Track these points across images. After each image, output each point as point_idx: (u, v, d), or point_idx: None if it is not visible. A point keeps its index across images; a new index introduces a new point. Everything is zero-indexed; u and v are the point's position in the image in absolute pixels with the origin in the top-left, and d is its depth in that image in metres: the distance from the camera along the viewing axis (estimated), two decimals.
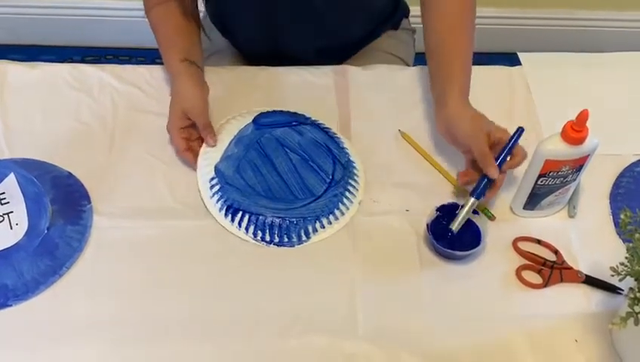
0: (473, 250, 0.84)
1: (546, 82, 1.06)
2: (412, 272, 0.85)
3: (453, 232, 0.85)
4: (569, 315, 0.82)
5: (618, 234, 0.90)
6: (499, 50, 1.84)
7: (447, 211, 0.87)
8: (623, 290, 0.81)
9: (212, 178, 0.91)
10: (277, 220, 0.88)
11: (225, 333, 0.79)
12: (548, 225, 0.90)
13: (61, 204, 0.87)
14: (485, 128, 0.88)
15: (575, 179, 0.87)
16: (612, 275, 0.73)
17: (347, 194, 0.91)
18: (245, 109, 1.00)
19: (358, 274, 0.85)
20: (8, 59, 1.06)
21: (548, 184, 0.85)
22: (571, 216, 0.91)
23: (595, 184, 0.94)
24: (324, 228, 0.88)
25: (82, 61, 1.96)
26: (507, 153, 0.87)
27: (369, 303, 0.82)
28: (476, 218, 0.87)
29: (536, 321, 0.82)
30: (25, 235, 0.82)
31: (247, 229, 0.87)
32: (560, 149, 0.81)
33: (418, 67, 1.08)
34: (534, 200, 0.88)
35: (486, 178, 0.86)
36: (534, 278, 0.85)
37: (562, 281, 0.85)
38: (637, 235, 0.72)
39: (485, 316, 0.82)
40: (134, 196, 0.91)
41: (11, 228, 0.83)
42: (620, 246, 0.88)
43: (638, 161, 0.97)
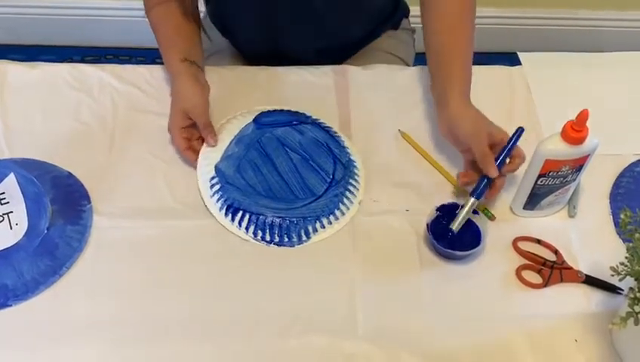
0: (473, 250, 0.84)
1: (546, 82, 1.06)
2: (412, 272, 0.85)
3: (453, 232, 0.85)
4: (569, 315, 0.82)
5: (618, 234, 0.90)
6: (499, 50, 1.84)
7: (447, 211, 0.87)
8: (623, 290, 0.81)
9: (212, 177, 0.91)
10: (277, 220, 0.88)
11: (225, 333, 0.79)
12: (548, 225, 0.90)
13: (61, 204, 0.87)
14: (486, 129, 0.88)
15: (575, 179, 0.87)
16: (612, 275, 0.73)
17: (348, 194, 0.91)
18: (246, 109, 1.00)
19: (358, 274, 0.85)
20: (8, 59, 1.06)
21: (548, 184, 0.85)
22: (571, 216, 0.91)
23: (595, 184, 0.94)
24: (324, 228, 0.88)
25: (82, 61, 1.96)
26: (507, 153, 0.87)
27: (369, 303, 0.82)
28: (476, 218, 0.87)
29: (536, 321, 0.82)
30: (25, 235, 0.82)
31: (247, 229, 0.87)
32: (560, 149, 0.81)
33: (418, 67, 1.08)
34: (534, 200, 0.88)
35: (486, 178, 0.86)
36: (534, 278, 0.85)
37: (562, 281, 0.85)
38: (637, 235, 0.72)
39: (485, 316, 0.82)
40: (134, 196, 0.91)
41: (11, 228, 0.83)
42: (620, 246, 0.88)
43: (638, 161, 0.97)
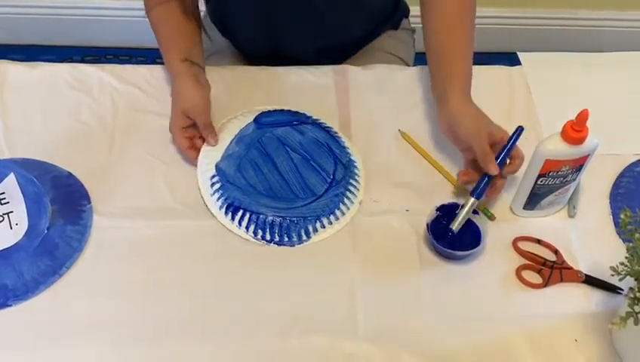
0: (473, 250, 0.84)
1: (546, 82, 1.06)
2: (412, 272, 0.85)
3: (453, 232, 0.85)
4: (569, 315, 0.82)
5: (618, 234, 0.90)
6: (499, 50, 1.84)
7: (447, 211, 0.87)
8: (623, 290, 0.81)
9: (213, 176, 0.91)
10: (277, 219, 0.88)
11: (225, 333, 0.79)
12: (548, 225, 0.90)
13: (61, 204, 0.87)
14: (487, 127, 0.88)
15: (575, 179, 0.87)
16: (612, 275, 0.73)
17: (348, 194, 0.91)
18: (246, 109, 1.00)
19: (358, 274, 0.85)
20: (8, 59, 1.06)
21: (548, 184, 0.85)
22: (571, 216, 0.91)
23: (595, 184, 0.94)
24: (324, 227, 0.88)
25: (82, 61, 1.96)
26: (507, 153, 0.87)
27: (369, 303, 0.82)
28: (476, 218, 0.87)
29: (536, 321, 0.82)
30: (25, 235, 0.82)
31: (247, 228, 0.87)
32: (560, 149, 0.81)
33: (418, 67, 1.08)
34: (534, 200, 0.88)
35: (486, 178, 0.86)
36: (534, 278, 0.85)
37: (562, 281, 0.85)
38: (637, 235, 0.72)
39: (485, 316, 0.82)
40: (134, 196, 0.91)
41: (11, 228, 0.83)
42: (620, 246, 0.88)
43: (638, 161, 0.97)
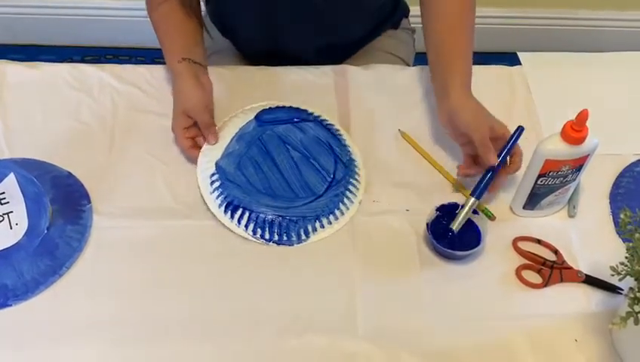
0: (473, 250, 0.84)
1: (546, 82, 1.06)
2: (412, 272, 0.85)
3: (453, 232, 0.85)
4: (569, 315, 0.82)
5: (618, 233, 0.90)
6: (499, 50, 1.85)
7: (447, 211, 0.87)
8: (623, 290, 0.81)
9: (213, 174, 0.91)
10: (277, 218, 0.88)
11: (225, 333, 0.79)
12: (548, 225, 0.90)
13: (61, 204, 0.87)
14: (487, 122, 0.88)
15: (575, 179, 0.87)
16: (612, 275, 0.73)
17: (348, 193, 0.91)
18: (247, 106, 0.99)
19: (358, 274, 0.85)
20: (8, 59, 1.06)
21: (548, 184, 0.85)
22: (571, 216, 0.91)
23: (595, 184, 0.94)
24: (323, 227, 0.88)
25: (82, 61, 1.96)
26: (507, 152, 0.87)
27: (369, 303, 0.82)
28: (476, 218, 0.87)
29: (536, 321, 0.82)
30: (25, 235, 0.82)
31: (246, 227, 0.87)
32: (560, 149, 0.81)
33: (418, 67, 1.08)
34: (534, 200, 0.88)
35: (486, 178, 0.86)
36: (534, 278, 0.85)
37: (562, 281, 0.85)
38: (637, 235, 0.72)
39: (485, 316, 0.82)
40: (134, 196, 0.91)
41: (11, 228, 0.83)
42: (620, 246, 0.88)
43: (638, 161, 0.97)
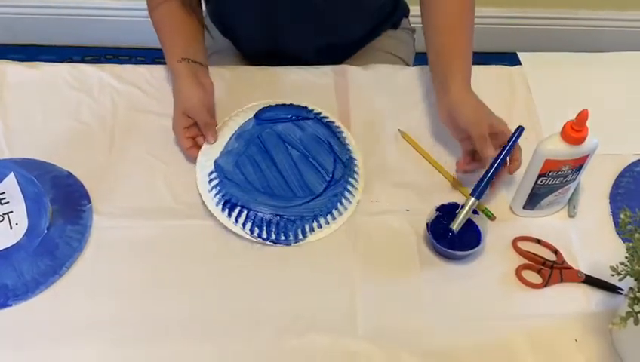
0: (473, 250, 0.84)
1: (546, 82, 1.06)
2: (412, 272, 0.85)
3: (453, 232, 0.85)
4: (569, 315, 0.82)
5: (618, 233, 0.89)
6: (499, 50, 1.85)
7: (447, 211, 0.87)
8: (623, 290, 0.81)
9: (211, 172, 0.91)
10: (275, 218, 0.88)
11: (225, 333, 0.79)
12: (548, 225, 0.90)
13: (61, 204, 0.87)
14: (487, 119, 0.88)
15: (575, 179, 0.87)
16: (612, 275, 0.73)
17: (346, 193, 0.91)
18: (248, 104, 0.99)
19: (358, 274, 0.85)
20: (8, 59, 1.06)
21: (548, 184, 0.85)
22: (571, 216, 0.91)
23: (595, 184, 0.94)
24: (321, 227, 0.88)
25: (82, 61, 1.96)
26: (508, 151, 0.87)
27: (369, 303, 0.82)
28: (476, 218, 0.87)
29: (536, 321, 0.82)
30: (25, 235, 0.82)
31: (244, 225, 0.87)
32: (560, 149, 0.81)
33: (418, 67, 1.08)
34: (534, 200, 0.88)
35: (486, 178, 0.86)
36: (534, 278, 0.85)
37: (562, 281, 0.85)
38: (637, 235, 0.72)
39: (485, 316, 0.82)
40: (134, 196, 0.91)
41: (11, 228, 0.83)
42: (620, 246, 0.88)
43: (638, 161, 0.97)
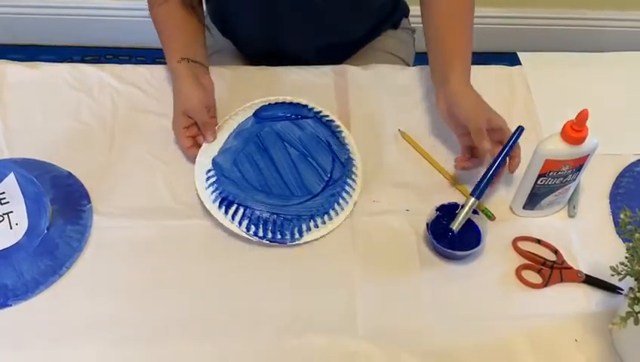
0: (473, 250, 0.84)
1: (546, 82, 1.06)
2: (412, 272, 0.85)
3: (453, 232, 0.85)
4: (569, 315, 0.82)
5: (618, 233, 0.89)
6: (499, 50, 1.85)
7: (447, 211, 0.87)
8: (623, 290, 0.81)
9: (209, 170, 0.90)
10: (272, 216, 0.87)
11: (225, 333, 0.79)
12: (548, 225, 0.90)
13: (61, 204, 0.87)
14: (486, 114, 0.89)
15: (575, 179, 0.87)
16: (612, 275, 0.73)
17: (344, 194, 0.90)
18: (247, 103, 0.98)
19: (358, 274, 0.85)
20: (8, 59, 1.06)
21: (548, 184, 0.85)
22: (571, 216, 0.91)
23: (595, 184, 0.94)
24: (317, 227, 0.88)
25: (82, 61, 1.96)
26: (508, 151, 0.87)
27: (369, 303, 0.82)
28: (476, 218, 0.87)
29: (536, 321, 0.82)
30: (25, 235, 0.82)
31: (240, 223, 0.86)
32: (560, 149, 0.81)
33: (418, 67, 1.08)
34: (534, 200, 0.88)
35: (486, 178, 0.86)
36: (534, 278, 0.85)
37: (562, 281, 0.85)
38: (637, 235, 0.72)
39: (485, 316, 0.82)
40: (134, 196, 0.91)
41: (11, 228, 0.83)
42: (620, 246, 0.88)
43: (638, 161, 0.97)
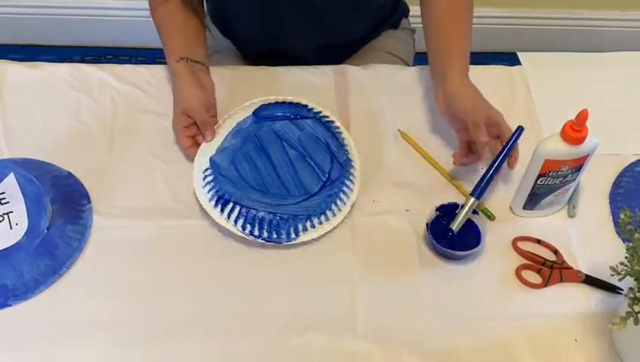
0: (473, 250, 0.84)
1: (546, 82, 1.06)
2: (412, 272, 0.85)
3: (453, 232, 0.85)
4: (569, 315, 0.82)
5: (618, 233, 0.90)
6: (499, 50, 1.85)
7: (447, 211, 0.87)
8: (623, 290, 0.81)
9: (206, 169, 0.90)
10: (267, 215, 0.87)
11: (226, 333, 0.79)
12: (548, 225, 0.90)
13: (61, 204, 0.87)
14: (485, 111, 0.89)
15: (575, 179, 0.87)
16: (612, 275, 0.73)
17: (341, 195, 0.90)
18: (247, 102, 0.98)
19: (358, 274, 0.85)
20: (8, 58, 1.06)
21: (548, 184, 0.85)
22: (571, 216, 0.91)
23: (595, 184, 0.94)
24: (314, 227, 0.87)
25: (82, 61, 1.96)
26: (508, 152, 0.87)
27: (369, 303, 0.82)
28: (476, 218, 0.87)
29: (536, 321, 0.82)
30: (25, 235, 0.82)
31: (235, 222, 0.86)
32: (560, 149, 0.81)
33: (418, 67, 1.08)
34: (534, 200, 0.88)
35: (486, 178, 0.86)
36: (534, 278, 0.85)
37: (562, 281, 0.85)
38: (637, 235, 0.72)
39: (485, 316, 0.82)
40: (134, 196, 0.91)
41: (11, 228, 0.83)
42: (620, 246, 0.88)
43: (638, 161, 0.97)
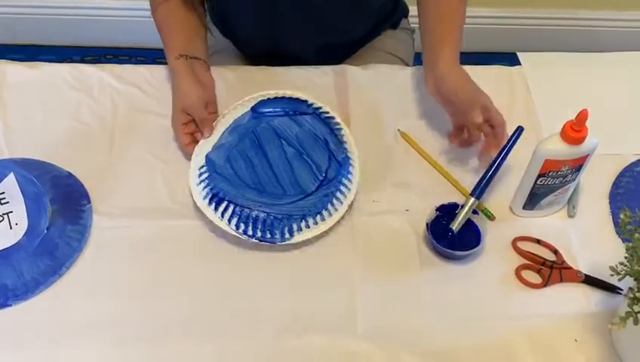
0: (473, 250, 0.84)
1: (546, 82, 1.06)
2: (412, 272, 0.85)
3: (453, 232, 0.85)
4: (569, 315, 0.82)
5: (618, 233, 0.90)
6: (499, 50, 1.85)
7: (447, 211, 0.87)
8: (623, 290, 0.81)
9: (202, 166, 0.90)
10: (262, 215, 0.86)
11: (225, 333, 0.79)
12: (547, 225, 0.90)
13: (61, 204, 0.87)
14: (473, 89, 0.89)
15: (575, 179, 0.87)
16: (611, 275, 0.73)
17: (338, 194, 0.89)
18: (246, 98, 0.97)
19: (358, 274, 0.85)
20: (8, 59, 1.06)
21: (547, 184, 0.85)
22: (571, 216, 0.91)
23: (595, 184, 0.94)
24: (309, 227, 0.86)
25: (82, 61, 1.96)
26: (508, 152, 0.87)
27: (369, 303, 0.82)
28: (476, 218, 0.87)
29: (536, 321, 0.82)
30: (25, 235, 0.82)
31: (229, 220, 0.86)
32: (559, 149, 0.81)
33: (418, 67, 1.08)
34: (534, 200, 0.88)
35: (486, 178, 0.86)
36: (534, 278, 0.85)
37: (562, 281, 0.85)
38: (636, 235, 0.72)
39: (485, 316, 0.82)
40: (134, 196, 0.91)
41: (11, 228, 0.83)
42: (620, 246, 0.88)
43: (638, 161, 0.97)
